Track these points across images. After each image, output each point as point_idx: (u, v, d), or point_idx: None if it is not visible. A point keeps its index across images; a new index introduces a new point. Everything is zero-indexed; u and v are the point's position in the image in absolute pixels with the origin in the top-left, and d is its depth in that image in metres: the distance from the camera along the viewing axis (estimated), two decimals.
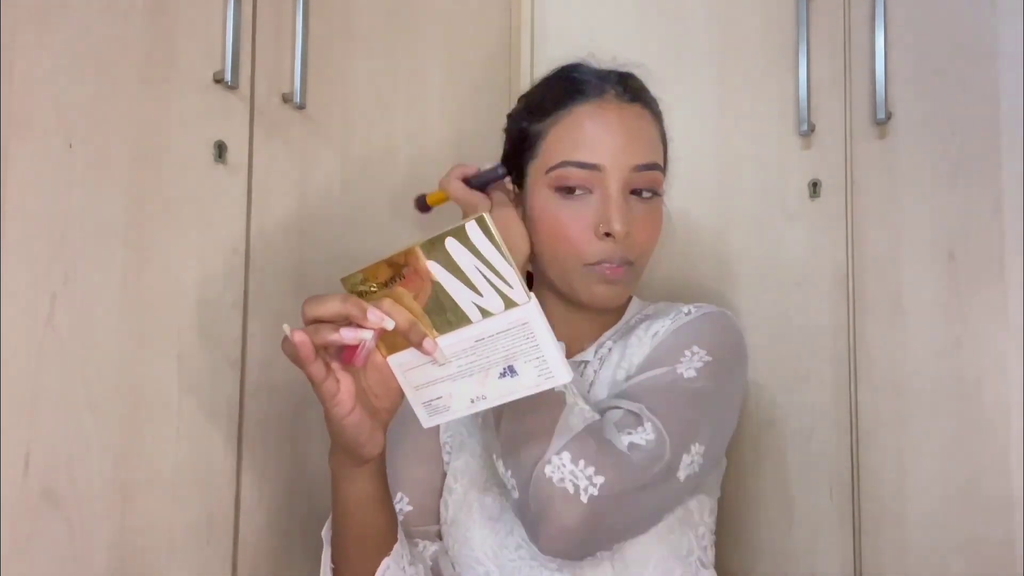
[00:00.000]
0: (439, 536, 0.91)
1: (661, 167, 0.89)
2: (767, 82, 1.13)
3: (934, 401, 1.03)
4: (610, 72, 0.90)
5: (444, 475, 0.93)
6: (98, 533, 0.78)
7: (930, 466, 1.02)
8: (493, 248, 0.65)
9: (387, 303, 0.69)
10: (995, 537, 0.99)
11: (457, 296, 0.68)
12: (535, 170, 0.88)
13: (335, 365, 0.70)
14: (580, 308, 0.90)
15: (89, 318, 0.78)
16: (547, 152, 0.87)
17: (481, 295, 0.67)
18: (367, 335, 0.67)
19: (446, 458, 0.93)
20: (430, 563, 0.87)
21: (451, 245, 0.66)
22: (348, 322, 0.68)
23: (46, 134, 0.75)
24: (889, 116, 1.05)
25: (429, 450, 0.93)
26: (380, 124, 1.07)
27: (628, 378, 0.86)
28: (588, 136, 0.86)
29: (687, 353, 0.83)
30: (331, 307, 0.68)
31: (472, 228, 0.65)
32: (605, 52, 0.92)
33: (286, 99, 0.95)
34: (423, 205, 0.99)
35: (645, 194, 0.87)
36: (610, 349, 0.92)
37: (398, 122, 1.09)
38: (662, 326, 0.89)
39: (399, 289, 0.69)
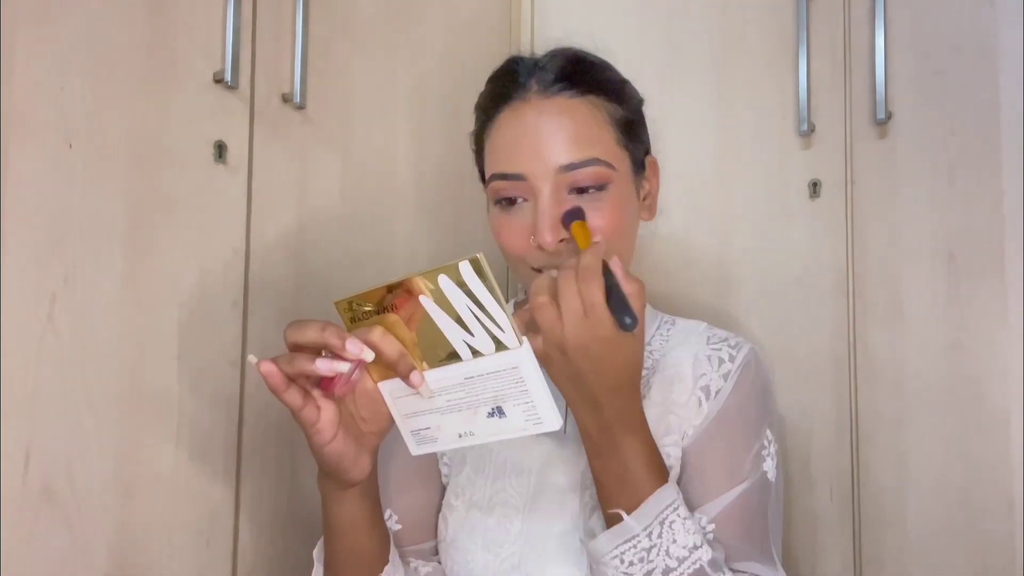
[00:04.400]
0: (434, 552, 0.89)
1: (601, 160, 0.80)
2: (767, 82, 1.13)
3: (934, 401, 1.03)
4: (539, 60, 0.84)
5: (441, 489, 0.90)
6: (98, 533, 0.78)
7: (930, 466, 1.02)
8: (486, 290, 0.64)
9: (378, 332, 0.67)
10: (995, 537, 0.99)
11: (448, 333, 0.67)
12: (487, 179, 0.85)
13: (316, 393, 0.69)
14: None
15: (89, 318, 0.78)
16: (486, 163, 0.85)
17: (472, 335, 0.66)
18: (343, 367, 0.66)
19: (444, 470, 0.91)
20: None
21: (444, 282, 0.65)
22: (328, 350, 0.66)
23: (46, 134, 0.75)
24: (889, 116, 1.05)
25: (423, 465, 0.90)
26: (380, 124, 1.07)
27: (672, 422, 0.84)
28: (508, 144, 0.81)
29: (765, 444, 0.83)
30: (310, 334, 0.66)
31: (465, 268, 0.63)
32: (604, 53, 0.92)
33: (286, 99, 0.95)
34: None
35: (586, 192, 0.80)
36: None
37: (398, 122, 1.09)
38: (709, 378, 0.85)
39: (392, 316, 0.68)
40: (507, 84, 0.83)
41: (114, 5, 0.80)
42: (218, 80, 0.88)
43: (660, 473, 0.75)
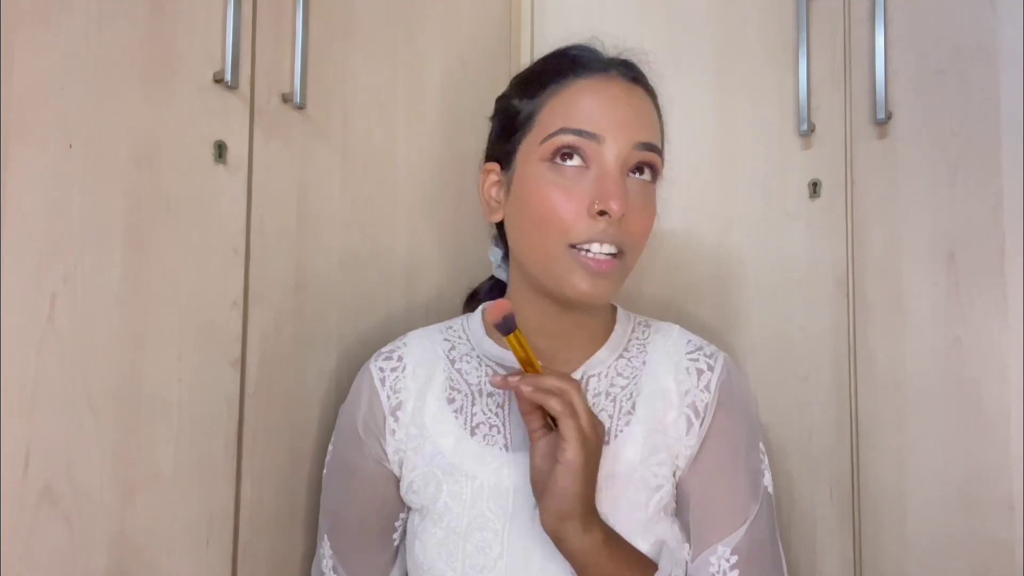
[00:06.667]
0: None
1: (660, 152, 0.85)
2: (767, 82, 1.13)
3: (934, 401, 1.03)
4: (612, 58, 0.87)
5: (392, 555, 0.91)
6: (98, 533, 0.78)
7: (930, 466, 1.02)
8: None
9: None
10: (995, 537, 0.99)
11: None
12: (527, 145, 0.83)
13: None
14: (566, 309, 0.85)
15: (89, 318, 0.78)
16: (542, 124, 0.83)
17: None
18: None
19: (414, 498, 0.87)
20: None
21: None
22: None
23: (46, 134, 0.75)
24: (889, 116, 1.05)
25: (379, 528, 0.90)
26: (380, 124, 1.07)
27: (654, 434, 0.85)
28: (589, 106, 0.81)
29: (761, 457, 0.86)
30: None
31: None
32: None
33: (286, 99, 0.95)
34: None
35: (644, 174, 0.82)
36: (606, 374, 0.88)
37: (398, 122, 1.09)
38: (693, 395, 0.85)
39: None
40: (582, 58, 0.86)
41: (114, 5, 0.80)
42: (218, 80, 0.88)
43: (643, 561, 0.79)
